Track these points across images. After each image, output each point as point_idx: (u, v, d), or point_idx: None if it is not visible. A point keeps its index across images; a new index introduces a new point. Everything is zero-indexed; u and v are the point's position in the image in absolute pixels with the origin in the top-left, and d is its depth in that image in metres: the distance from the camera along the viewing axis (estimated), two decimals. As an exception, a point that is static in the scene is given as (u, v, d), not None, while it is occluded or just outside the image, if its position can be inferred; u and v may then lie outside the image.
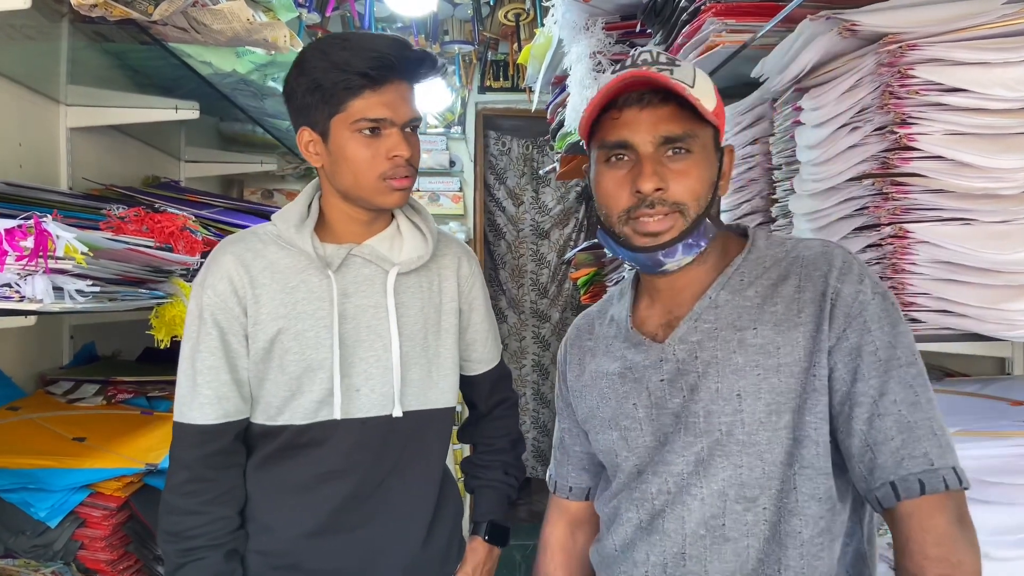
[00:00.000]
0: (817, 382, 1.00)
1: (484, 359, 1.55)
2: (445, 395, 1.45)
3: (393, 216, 1.43)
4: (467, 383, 1.57)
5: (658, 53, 1.06)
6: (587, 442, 1.26)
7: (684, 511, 1.06)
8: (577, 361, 1.26)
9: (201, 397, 1.30)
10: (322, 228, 1.38)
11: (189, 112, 2.19)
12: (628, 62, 1.08)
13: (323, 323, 1.32)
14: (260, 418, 1.35)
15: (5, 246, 1.11)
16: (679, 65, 1.04)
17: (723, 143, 1.11)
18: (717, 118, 1.06)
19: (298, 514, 1.35)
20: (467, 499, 4.41)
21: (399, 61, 1.27)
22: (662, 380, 1.09)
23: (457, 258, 1.49)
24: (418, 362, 1.40)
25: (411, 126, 1.32)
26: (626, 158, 1.05)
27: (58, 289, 1.23)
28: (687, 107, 1.02)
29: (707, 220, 1.06)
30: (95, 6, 1.31)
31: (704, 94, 1.02)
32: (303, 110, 1.31)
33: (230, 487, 1.34)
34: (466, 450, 4.66)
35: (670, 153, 1.04)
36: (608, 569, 1.18)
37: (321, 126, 1.30)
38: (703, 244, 1.06)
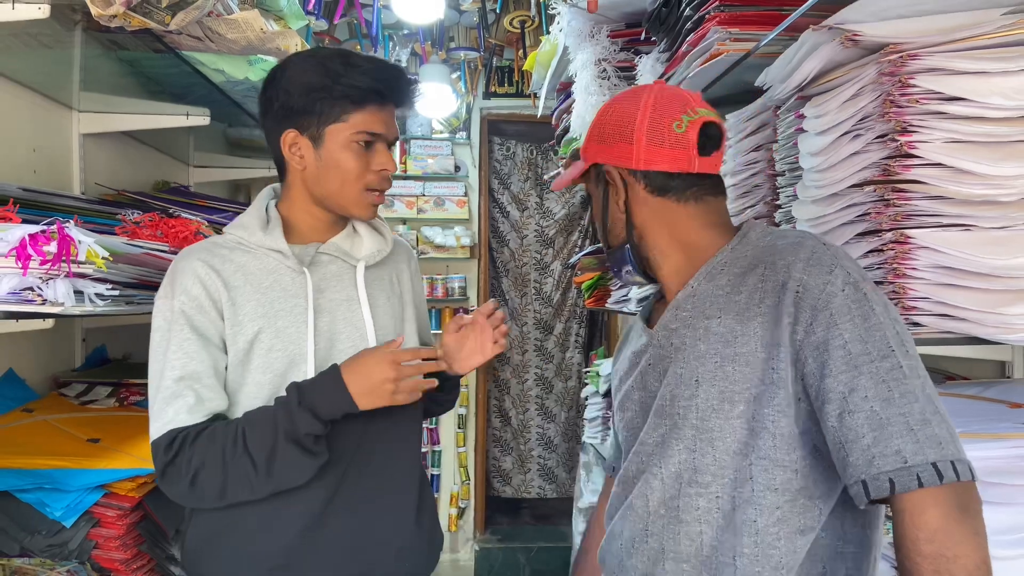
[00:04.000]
0: (775, 375, 1.00)
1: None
2: None
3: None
4: None
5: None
6: None
7: (647, 489, 1.12)
8: (617, 351, 1.37)
9: (181, 401, 1.29)
10: (284, 232, 1.41)
11: (200, 118, 2.22)
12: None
13: (301, 319, 1.37)
14: None
15: (29, 251, 1.14)
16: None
17: (603, 160, 1.21)
18: (586, 159, 1.24)
19: (289, 508, 1.35)
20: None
21: (402, 85, 1.40)
22: (649, 364, 1.16)
23: (407, 256, 1.61)
24: None
25: (392, 144, 1.44)
26: None
27: (78, 293, 1.26)
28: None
29: (608, 247, 1.24)
30: (114, 16, 1.34)
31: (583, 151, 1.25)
32: (293, 113, 1.35)
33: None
34: (470, 451, 4.68)
35: None
36: (605, 541, 1.24)
37: (313, 131, 1.35)
38: (620, 267, 1.23)
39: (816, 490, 1.02)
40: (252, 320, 1.34)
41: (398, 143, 4.48)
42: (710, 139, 1.14)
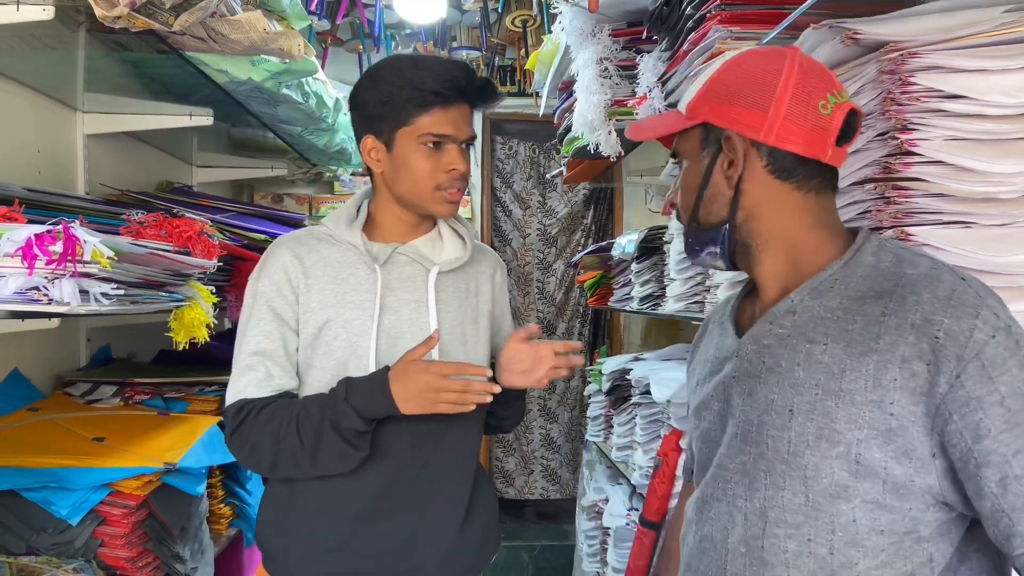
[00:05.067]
0: (893, 421, 0.89)
1: None
2: None
3: (436, 222, 1.54)
4: None
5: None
6: None
7: (728, 523, 1.01)
8: (696, 343, 1.26)
9: (252, 375, 1.40)
10: (370, 229, 1.50)
11: (203, 119, 2.23)
12: None
13: (368, 313, 1.43)
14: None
15: (35, 251, 1.15)
16: (693, 81, 1.09)
17: (725, 124, 1.03)
18: (695, 116, 1.05)
19: (344, 497, 1.42)
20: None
21: (468, 85, 1.41)
22: (734, 378, 1.05)
23: (493, 266, 1.62)
24: (455, 356, 1.49)
25: (467, 143, 1.45)
26: None
27: (83, 292, 1.26)
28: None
29: (699, 224, 1.08)
30: (118, 18, 1.34)
31: (684, 103, 1.07)
32: (370, 120, 1.43)
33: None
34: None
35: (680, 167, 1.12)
36: (681, 571, 1.14)
37: (386, 135, 1.42)
38: (704, 248, 1.09)
39: (925, 531, 0.91)
40: (323, 308, 1.42)
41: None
42: (850, 129, 1.00)
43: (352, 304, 1.42)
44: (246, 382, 1.40)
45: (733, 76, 1.02)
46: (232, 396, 1.41)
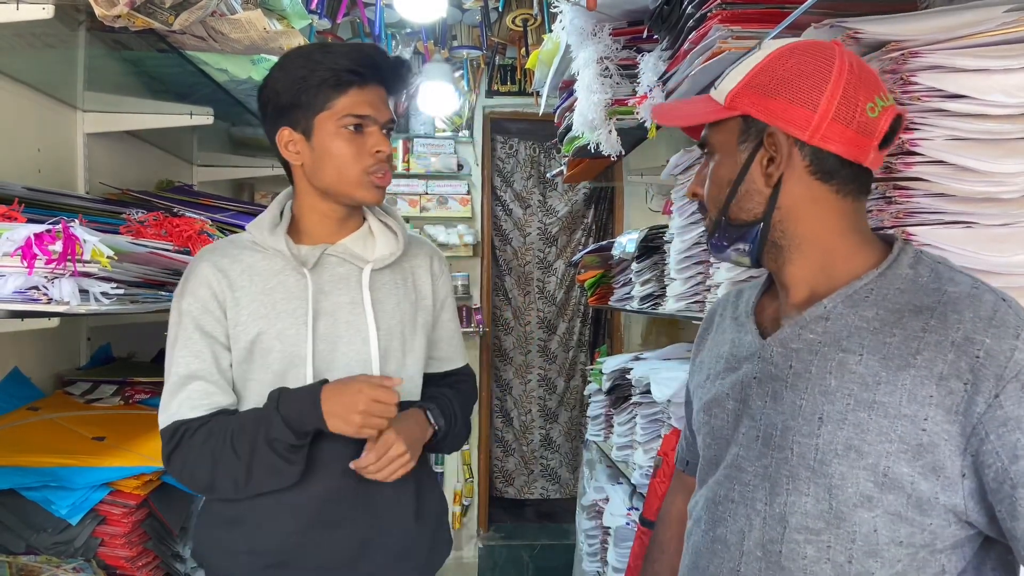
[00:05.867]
0: (925, 437, 0.88)
1: (449, 357, 1.61)
2: (418, 388, 1.51)
3: (364, 218, 1.49)
4: (429, 381, 1.57)
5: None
6: None
7: (746, 526, 1.00)
8: (703, 334, 1.25)
9: (184, 395, 1.35)
10: (295, 231, 1.45)
11: (203, 118, 2.23)
12: None
13: (302, 320, 1.38)
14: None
15: (35, 250, 1.14)
16: (730, 68, 1.05)
17: (769, 120, 0.99)
18: (735, 107, 1.00)
19: (286, 509, 1.38)
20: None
21: (382, 62, 1.38)
22: (755, 379, 1.03)
23: (429, 257, 1.56)
24: (395, 355, 1.45)
25: (388, 128, 1.41)
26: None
27: (83, 292, 1.26)
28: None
29: (728, 220, 1.03)
30: (118, 16, 1.34)
31: (722, 91, 1.02)
32: (284, 110, 1.37)
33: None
34: (473, 449, 4.69)
35: (707, 156, 1.08)
36: (687, 571, 1.13)
37: (304, 124, 1.37)
38: (731, 245, 1.05)
39: (941, 544, 0.91)
40: (254, 320, 1.37)
41: (401, 142, 4.53)
42: (893, 134, 0.98)
43: (284, 313, 1.38)
44: (179, 403, 1.35)
45: (780, 69, 0.98)
46: (166, 419, 1.36)
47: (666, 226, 2.44)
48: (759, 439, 1.01)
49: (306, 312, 1.38)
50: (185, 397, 1.35)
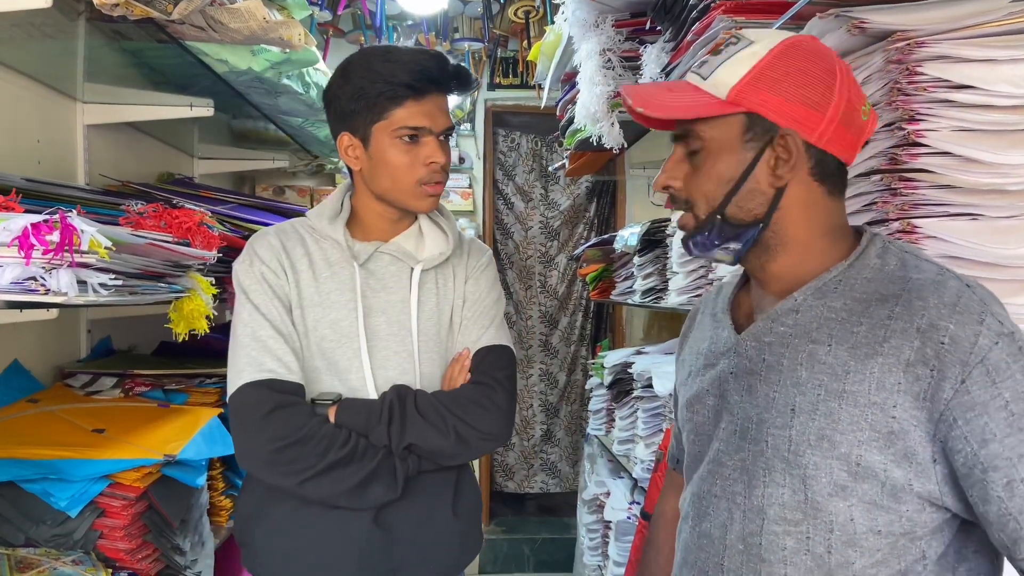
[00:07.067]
0: (895, 424, 0.89)
1: (472, 340, 1.49)
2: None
3: (416, 217, 1.51)
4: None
5: (712, 47, 1.02)
6: None
7: (727, 519, 1.01)
8: (686, 332, 1.25)
9: (277, 353, 1.34)
10: (352, 224, 1.48)
11: (204, 109, 2.22)
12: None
13: (354, 314, 1.40)
14: None
15: (32, 240, 1.13)
16: (716, 55, 0.99)
17: (782, 123, 0.96)
18: (740, 103, 0.96)
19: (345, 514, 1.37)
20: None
21: (440, 74, 1.38)
22: (731, 373, 1.04)
23: (466, 252, 1.55)
24: (431, 357, 1.46)
25: (446, 134, 1.42)
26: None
27: (81, 283, 1.25)
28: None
29: (724, 218, 1.00)
30: (116, 5, 1.33)
31: (719, 83, 0.97)
32: (345, 116, 1.40)
33: None
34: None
35: (687, 149, 1.02)
36: (676, 566, 1.13)
37: (362, 132, 1.39)
38: (721, 243, 1.02)
39: (920, 531, 0.92)
40: (310, 306, 1.41)
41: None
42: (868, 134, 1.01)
43: (338, 304, 1.41)
44: (274, 357, 1.34)
45: (789, 68, 0.95)
46: (260, 368, 1.33)
47: (668, 220, 2.44)
48: (736, 433, 1.02)
49: (356, 305, 1.41)
50: (278, 354, 1.34)
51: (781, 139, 0.96)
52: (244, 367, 1.34)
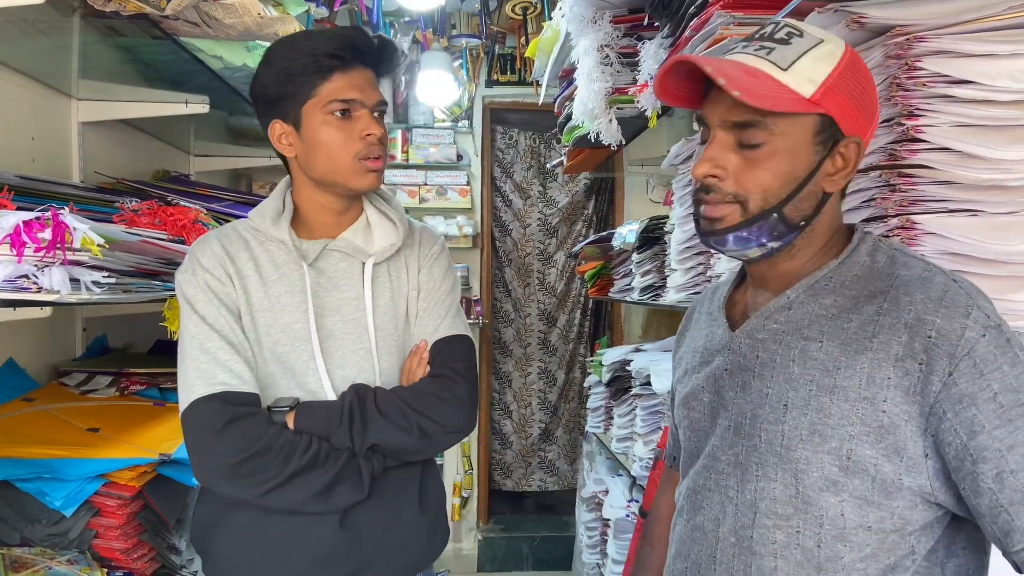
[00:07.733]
0: (885, 418, 0.90)
1: (429, 331, 1.46)
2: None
3: (363, 208, 1.46)
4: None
5: (769, 31, 0.98)
6: None
7: (720, 513, 1.02)
8: (682, 331, 1.26)
9: (228, 364, 1.29)
10: (297, 222, 1.42)
11: (199, 106, 2.21)
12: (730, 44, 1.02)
13: (306, 316, 1.36)
14: None
15: (24, 238, 1.13)
16: (784, 44, 0.95)
17: (847, 130, 0.95)
18: (822, 104, 0.93)
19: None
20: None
21: (364, 46, 1.34)
22: (726, 370, 1.05)
23: (417, 241, 1.50)
24: (389, 352, 1.43)
25: (379, 110, 1.37)
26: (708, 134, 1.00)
27: (74, 281, 1.25)
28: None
29: (781, 217, 0.96)
30: (110, 0, 1.32)
31: (804, 78, 0.92)
32: (273, 103, 1.35)
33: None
34: (473, 441, 4.68)
35: (743, 140, 0.96)
36: (670, 559, 1.14)
37: (293, 115, 1.34)
38: (767, 241, 0.98)
39: (910, 527, 0.92)
40: (260, 312, 1.36)
41: (400, 132, 4.50)
42: None
43: (289, 307, 1.36)
44: (227, 369, 1.28)
45: (858, 75, 0.95)
46: (210, 383, 1.27)
47: (666, 217, 2.43)
48: (731, 428, 1.03)
49: (307, 307, 1.36)
50: (230, 366, 1.29)
51: (848, 146, 0.96)
52: (194, 382, 1.28)
